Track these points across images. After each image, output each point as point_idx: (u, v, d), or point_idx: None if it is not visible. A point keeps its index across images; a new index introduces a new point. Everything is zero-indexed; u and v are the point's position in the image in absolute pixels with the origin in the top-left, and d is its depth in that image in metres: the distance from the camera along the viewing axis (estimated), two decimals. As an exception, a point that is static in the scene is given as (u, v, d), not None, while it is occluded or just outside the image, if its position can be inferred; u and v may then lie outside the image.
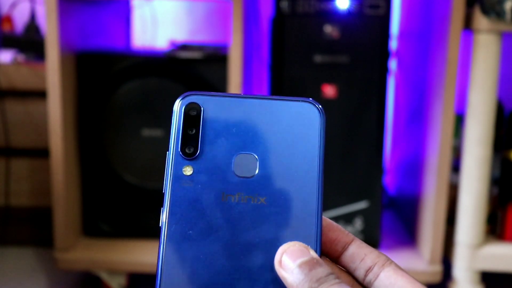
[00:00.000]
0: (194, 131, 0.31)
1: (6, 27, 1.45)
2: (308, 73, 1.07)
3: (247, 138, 0.31)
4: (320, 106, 0.31)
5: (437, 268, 1.08)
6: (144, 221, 1.17)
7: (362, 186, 1.09)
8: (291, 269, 0.28)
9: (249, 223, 0.29)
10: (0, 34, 1.39)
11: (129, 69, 1.11)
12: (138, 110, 1.12)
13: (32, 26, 1.43)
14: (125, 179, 1.14)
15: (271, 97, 0.32)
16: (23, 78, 1.30)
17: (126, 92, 1.12)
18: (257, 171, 0.30)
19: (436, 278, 1.09)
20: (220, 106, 0.31)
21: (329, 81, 1.07)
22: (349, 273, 0.32)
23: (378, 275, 0.30)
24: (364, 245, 0.32)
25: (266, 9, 1.30)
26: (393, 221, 1.33)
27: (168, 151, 0.31)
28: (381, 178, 1.11)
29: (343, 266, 0.32)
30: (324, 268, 0.28)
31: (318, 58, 1.06)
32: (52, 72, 1.04)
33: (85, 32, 1.16)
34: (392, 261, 0.31)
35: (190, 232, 0.29)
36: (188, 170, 0.30)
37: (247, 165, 0.30)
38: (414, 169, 1.22)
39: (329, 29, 1.06)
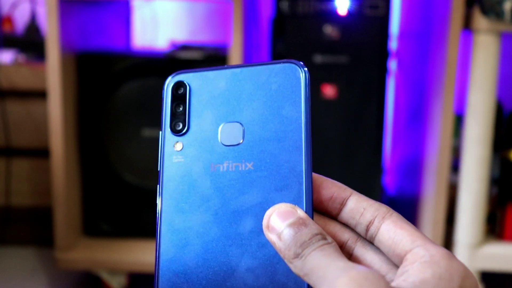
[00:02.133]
0: (181, 108, 0.32)
1: (6, 28, 1.46)
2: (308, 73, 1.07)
3: (231, 107, 0.31)
4: (302, 64, 0.31)
5: (437, 267, 1.08)
6: (145, 221, 1.17)
7: (362, 186, 1.10)
8: (278, 233, 0.27)
9: (238, 190, 0.29)
10: (1, 35, 1.39)
11: (129, 69, 1.12)
12: (138, 110, 1.13)
13: (33, 27, 1.43)
14: (125, 179, 1.14)
15: (254, 63, 0.32)
16: (24, 78, 1.30)
17: (126, 92, 1.12)
18: (242, 139, 0.30)
19: (436, 277, 1.09)
20: (205, 80, 0.32)
21: (329, 81, 1.07)
22: (352, 229, 0.30)
23: (379, 229, 0.29)
24: (363, 198, 0.30)
25: (266, 9, 1.30)
26: (393, 221, 1.33)
27: (160, 131, 0.32)
28: (381, 178, 1.11)
29: (344, 223, 0.31)
30: (309, 230, 0.27)
31: (318, 58, 1.07)
32: (53, 72, 1.04)
33: (85, 33, 1.16)
34: (393, 212, 0.29)
35: (183, 204, 0.30)
36: (178, 146, 0.31)
37: (233, 133, 0.30)
38: (413, 169, 1.22)
39: (329, 30, 1.06)
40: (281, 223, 0.27)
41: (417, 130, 1.20)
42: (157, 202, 0.31)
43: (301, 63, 0.31)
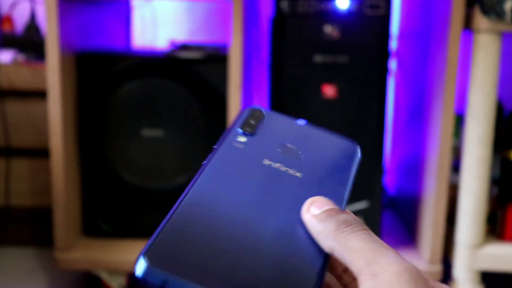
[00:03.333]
0: (254, 122, 0.37)
1: (6, 27, 1.46)
2: (308, 73, 1.07)
3: (295, 140, 0.36)
4: (359, 149, 0.37)
5: (437, 268, 1.08)
6: (145, 221, 1.17)
7: (362, 186, 1.09)
8: (317, 214, 0.29)
9: (280, 184, 0.32)
10: (0, 34, 1.39)
11: (129, 69, 1.11)
12: (138, 110, 1.12)
13: (32, 26, 1.43)
14: (125, 179, 1.14)
15: (325, 130, 0.38)
16: (23, 78, 1.30)
17: (126, 92, 1.12)
18: (298, 157, 0.35)
19: (436, 278, 1.09)
20: (279, 119, 0.38)
21: (329, 81, 1.07)
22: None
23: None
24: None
25: (266, 9, 1.30)
26: (393, 221, 1.33)
27: (229, 127, 0.36)
28: (381, 178, 1.11)
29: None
30: (350, 216, 0.29)
31: (318, 58, 1.06)
32: (52, 72, 1.04)
33: (85, 32, 1.16)
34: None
35: (227, 171, 0.32)
36: (242, 139, 0.35)
37: (292, 152, 0.35)
38: (414, 169, 1.22)
39: (329, 29, 1.06)
40: (321, 208, 0.30)
41: (417, 130, 1.20)
42: (204, 162, 0.33)
43: (358, 145, 0.38)
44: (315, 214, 0.30)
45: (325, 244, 0.29)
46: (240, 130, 0.36)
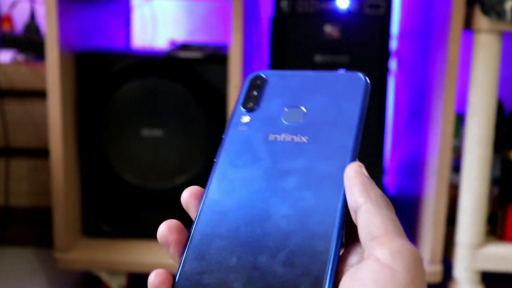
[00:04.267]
0: (255, 93, 0.37)
1: (5, 27, 1.45)
2: (308, 73, 1.06)
3: (298, 96, 0.36)
4: (366, 76, 0.36)
5: (438, 268, 1.08)
6: (144, 221, 1.17)
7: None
8: (361, 170, 0.31)
9: (289, 155, 0.33)
10: (0, 34, 1.39)
11: (129, 69, 1.11)
12: (138, 110, 1.12)
13: (32, 26, 1.43)
14: (125, 179, 1.14)
15: (327, 71, 0.37)
16: (23, 78, 1.30)
17: (126, 92, 1.12)
18: (303, 119, 0.35)
19: (437, 278, 1.08)
20: (280, 76, 0.38)
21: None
22: None
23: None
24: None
25: (266, 9, 1.30)
26: (393, 221, 1.33)
27: (233, 109, 0.37)
28: (381, 178, 1.11)
29: None
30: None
31: (318, 58, 1.06)
32: (52, 72, 1.04)
33: (85, 32, 1.16)
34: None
35: (238, 161, 0.34)
36: (245, 119, 0.36)
37: (295, 114, 0.35)
38: (414, 169, 1.22)
39: (329, 29, 1.05)
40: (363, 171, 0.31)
41: (417, 130, 1.20)
42: (215, 159, 0.35)
43: (365, 75, 0.36)
44: (364, 173, 0.31)
45: (359, 195, 0.30)
46: (242, 110, 0.37)
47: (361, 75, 0.36)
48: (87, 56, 1.12)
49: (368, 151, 1.09)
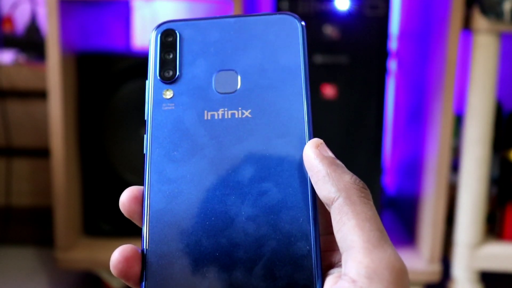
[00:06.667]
0: (171, 55, 0.30)
1: (7, 28, 1.46)
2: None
3: (225, 55, 0.30)
4: (298, 16, 0.30)
5: (437, 267, 1.09)
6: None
7: (362, 186, 1.09)
8: (327, 156, 0.27)
9: (235, 138, 0.28)
10: (1, 35, 1.39)
11: (130, 70, 1.12)
12: (138, 110, 1.13)
13: (33, 27, 1.43)
14: (125, 178, 1.14)
15: (247, 14, 0.31)
16: (24, 79, 1.30)
17: (127, 92, 1.12)
18: (239, 86, 0.29)
19: (436, 277, 1.09)
20: (196, 29, 0.30)
21: (329, 81, 1.07)
22: None
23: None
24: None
25: (266, 9, 1.30)
26: (393, 221, 1.33)
27: (146, 79, 0.30)
28: (381, 178, 1.11)
29: None
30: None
31: (318, 59, 1.07)
32: (53, 72, 1.04)
33: (85, 33, 1.16)
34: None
35: (175, 153, 0.28)
36: (168, 94, 0.30)
37: (228, 81, 0.29)
38: (413, 169, 1.22)
39: (329, 30, 1.06)
40: (328, 150, 0.27)
41: (416, 130, 1.20)
42: (145, 151, 0.29)
43: (297, 15, 0.30)
44: (325, 155, 0.26)
45: (329, 190, 0.25)
46: (160, 80, 0.30)
47: (292, 16, 0.30)
48: (88, 56, 1.13)
49: (367, 151, 1.09)
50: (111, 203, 1.17)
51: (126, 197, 0.29)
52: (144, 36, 1.52)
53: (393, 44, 1.37)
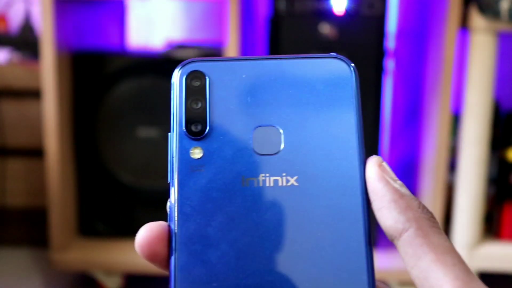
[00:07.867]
0: (199, 104, 0.25)
1: (1, 27, 1.45)
2: (305, 72, 1.06)
3: (265, 107, 0.25)
4: (348, 60, 0.26)
5: (434, 267, 1.08)
6: (140, 221, 1.16)
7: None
8: (394, 178, 0.24)
9: (279, 211, 0.24)
10: (-5, 34, 1.38)
11: (125, 69, 1.11)
12: (133, 110, 1.12)
13: (27, 26, 1.42)
14: (120, 179, 1.14)
15: (290, 56, 0.26)
16: (18, 78, 1.29)
17: (122, 92, 1.11)
18: (282, 146, 0.25)
19: (433, 277, 1.08)
20: (229, 71, 0.25)
21: (326, 80, 1.07)
22: None
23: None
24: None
25: (263, 8, 1.30)
26: (390, 220, 1.33)
27: (170, 132, 0.25)
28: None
29: None
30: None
31: (314, 58, 1.06)
32: (47, 71, 1.03)
33: (80, 32, 1.15)
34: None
35: (207, 230, 0.24)
36: (197, 153, 0.25)
37: (270, 139, 0.25)
38: (410, 168, 1.22)
39: (326, 29, 1.05)
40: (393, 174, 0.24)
41: (414, 130, 1.20)
42: (171, 226, 0.24)
43: (347, 58, 0.26)
44: (389, 177, 0.23)
45: (396, 220, 0.23)
46: (187, 137, 0.25)
47: (341, 61, 0.26)
48: (83, 55, 1.12)
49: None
50: (106, 203, 1.16)
51: (144, 233, 0.24)
52: (139, 35, 1.51)
53: (390, 43, 1.37)
